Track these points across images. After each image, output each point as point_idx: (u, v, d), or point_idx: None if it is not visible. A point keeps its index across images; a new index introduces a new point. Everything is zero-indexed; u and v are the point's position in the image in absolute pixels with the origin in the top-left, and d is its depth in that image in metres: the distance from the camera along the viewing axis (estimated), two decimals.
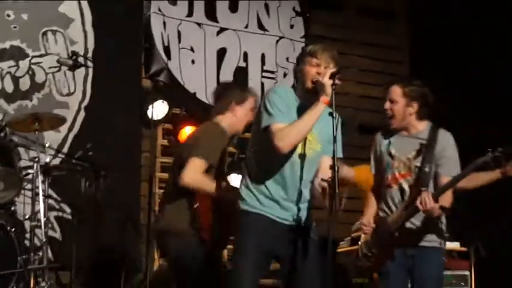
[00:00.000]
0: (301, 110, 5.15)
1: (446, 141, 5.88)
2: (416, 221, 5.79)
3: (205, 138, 6.03)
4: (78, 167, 7.84)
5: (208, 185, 5.78)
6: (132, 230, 8.28)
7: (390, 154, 5.91)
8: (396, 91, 5.87)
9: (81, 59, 7.44)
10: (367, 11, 9.77)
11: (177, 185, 5.83)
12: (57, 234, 8.08)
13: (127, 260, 7.90)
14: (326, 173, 4.97)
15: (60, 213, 8.11)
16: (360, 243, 6.12)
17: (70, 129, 8.29)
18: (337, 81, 5.02)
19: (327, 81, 5.01)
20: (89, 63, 8.05)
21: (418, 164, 5.84)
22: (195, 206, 5.75)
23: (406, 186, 5.85)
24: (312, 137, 5.15)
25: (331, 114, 4.98)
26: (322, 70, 5.10)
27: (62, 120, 7.34)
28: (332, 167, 4.88)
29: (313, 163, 5.18)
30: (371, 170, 6.12)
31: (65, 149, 8.21)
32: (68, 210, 8.09)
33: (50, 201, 7.75)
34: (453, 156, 5.85)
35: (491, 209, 6.55)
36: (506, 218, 7.91)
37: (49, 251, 7.59)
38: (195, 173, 5.74)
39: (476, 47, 8.89)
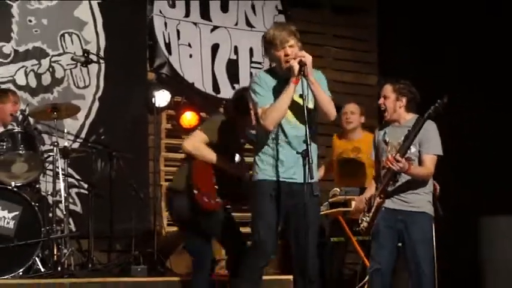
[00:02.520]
0: (281, 86, 5.21)
1: (428, 127, 6.08)
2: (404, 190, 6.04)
3: (211, 119, 6.36)
4: (93, 149, 7.93)
5: (207, 152, 5.90)
6: (141, 203, 8.32)
7: (385, 142, 6.17)
8: (388, 88, 6.15)
9: (92, 56, 7.55)
10: (340, 8, 9.79)
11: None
12: (78, 208, 8.20)
13: (137, 228, 7.91)
14: None
15: (80, 190, 8.19)
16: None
17: (86, 117, 8.37)
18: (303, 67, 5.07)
19: (295, 65, 5.09)
20: (99, 60, 8.12)
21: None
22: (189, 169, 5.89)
23: None
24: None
25: (300, 96, 5.10)
26: (289, 50, 5.18)
27: (76, 108, 7.44)
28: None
29: (310, 121, 5.18)
30: (371, 156, 6.42)
31: (83, 135, 8.30)
32: (87, 187, 8.06)
33: (71, 179, 7.90)
34: (433, 137, 6.08)
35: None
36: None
37: (71, 222, 7.84)
38: (194, 141, 5.94)
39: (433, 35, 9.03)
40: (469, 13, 8.59)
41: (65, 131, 7.54)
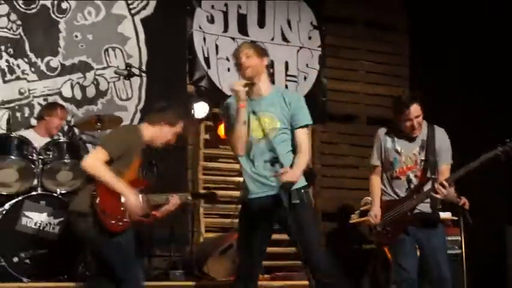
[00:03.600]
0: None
1: (442, 136, 6.08)
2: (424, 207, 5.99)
3: (115, 132, 5.85)
4: None
5: (105, 173, 5.23)
6: (180, 210, 8.31)
7: (397, 151, 6.06)
8: (418, 108, 5.96)
9: (134, 70, 7.52)
10: (373, 24, 9.75)
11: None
12: None
13: (177, 234, 7.89)
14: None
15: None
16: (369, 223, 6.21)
17: None
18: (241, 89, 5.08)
19: (237, 89, 5.10)
20: (141, 73, 8.07)
21: (423, 158, 6.02)
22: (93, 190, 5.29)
23: (412, 177, 6.04)
24: (268, 119, 5.14)
25: (254, 112, 5.11)
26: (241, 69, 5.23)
27: (119, 120, 7.37)
28: None
29: (279, 138, 5.14)
30: (372, 161, 6.22)
31: None
32: None
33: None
34: (449, 147, 6.05)
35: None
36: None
37: None
38: (93, 159, 5.33)
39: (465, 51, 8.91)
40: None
41: None
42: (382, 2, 9.66)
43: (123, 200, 5.31)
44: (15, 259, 6.21)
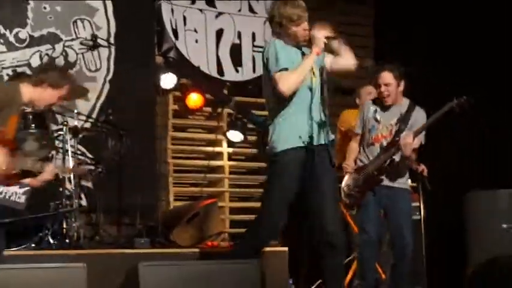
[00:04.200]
0: (298, 55, 5.20)
1: (421, 115, 6.25)
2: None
3: None
4: (104, 129, 7.85)
5: None
6: (149, 179, 8.28)
7: (376, 119, 6.22)
8: (388, 76, 6.14)
9: (101, 41, 7.41)
10: None
11: None
12: (89, 184, 7.96)
13: (145, 203, 7.83)
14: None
15: (92, 167, 7.88)
16: (342, 186, 6.30)
17: (97, 99, 8.21)
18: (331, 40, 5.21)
19: (319, 36, 5.15)
20: (106, 44, 7.95)
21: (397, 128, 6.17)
22: None
23: (385, 144, 6.21)
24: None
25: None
26: (306, 25, 5.22)
27: (85, 90, 7.26)
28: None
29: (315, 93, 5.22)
30: (357, 130, 6.39)
31: (94, 115, 8.14)
32: (98, 164, 7.92)
33: (83, 157, 7.84)
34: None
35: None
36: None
37: (82, 197, 7.76)
38: None
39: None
40: None
41: (75, 111, 7.34)
42: None
43: None
44: None
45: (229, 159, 8.77)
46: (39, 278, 4.19)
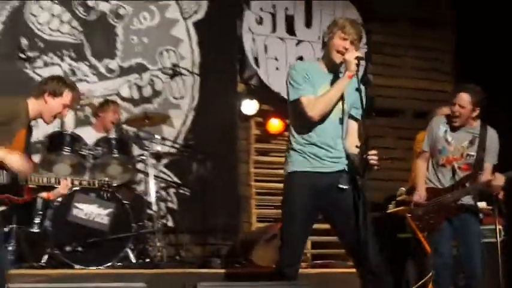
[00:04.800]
0: (325, 79, 4.70)
1: (494, 136, 5.96)
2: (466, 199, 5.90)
3: None
4: (188, 153, 7.92)
5: None
6: (232, 201, 8.26)
7: (447, 140, 5.93)
8: (465, 99, 5.82)
9: (182, 70, 7.48)
10: (418, 21, 9.41)
11: None
12: (175, 206, 8.11)
13: (229, 224, 7.91)
14: None
15: (177, 190, 8.11)
16: (412, 208, 6.09)
17: (182, 125, 8.30)
18: (360, 62, 4.56)
19: (351, 59, 4.55)
20: (186, 72, 8.00)
21: (471, 152, 5.90)
22: None
23: (456, 167, 5.92)
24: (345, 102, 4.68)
25: (357, 89, 4.53)
26: (348, 45, 4.63)
27: (166, 117, 7.31)
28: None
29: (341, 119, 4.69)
30: (424, 148, 6.09)
31: (180, 140, 8.21)
32: (184, 187, 8.09)
33: (170, 180, 7.93)
34: (497, 148, 5.95)
35: None
36: None
37: (169, 218, 7.85)
38: None
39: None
40: None
41: (157, 136, 7.39)
42: None
43: None
44: (68, 248, 6.15)
45: None
46: None
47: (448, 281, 5.96)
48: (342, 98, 4.68)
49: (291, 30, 8.86)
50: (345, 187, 4.67)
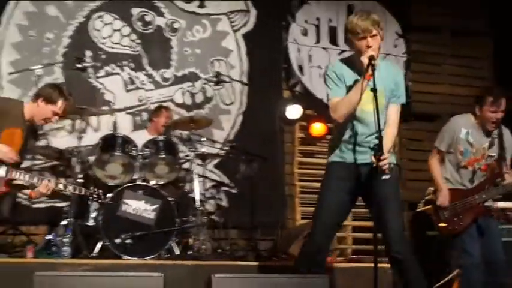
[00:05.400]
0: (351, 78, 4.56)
1: (508, 135, 5.90)
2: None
3: None
4: (236, 155, 8.07)
5: None
6: (278, 200, 8.41)
7: (469, 143, 5.82)
8: (504, 103, 5.71)
9: (225, 77, 7.70)
10: (458, 30, 9.43)
11: None
12: (225, 203, 8.32)
13: (273, 220, 8.02)
14: None
15: (227, 188, 8.34)
16: (438, 210, 6.02)
17: (232, 128, 8.51)
18: (373, 62, 4.33)
19: (365, 60, 4.35)
20: (228, 80, 8.13)
21: (491, 153, 5.84)
22: None
23: (477, 168, 5.85)
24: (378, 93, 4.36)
25: (372, 89, 4.28)
26: (370, 41, 4.40)
27: (209, 121, 7.44)
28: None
29: (382, 113, 4.49)
30: (440, 146, 5.92)
31: (229, 142, 8.41)
32: (233, 185, 8.31)
33: (219, 179, 8.13)
34: None
35: None
36: None
37: (218, 215, 8.02)
38: None
39: None
40: None
41: (203, 138, 7.58)
42: (466, 9, 9.32)
43: None
44: (117, 240, 6.38)
45: None
46: (121, 285, 4.32)
47: (478, 280, 5.77)
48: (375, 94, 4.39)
49: (333, 40, 8.97)
50: (386, 177, 4.47)
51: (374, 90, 4.31)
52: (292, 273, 4.78)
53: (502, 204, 6.44)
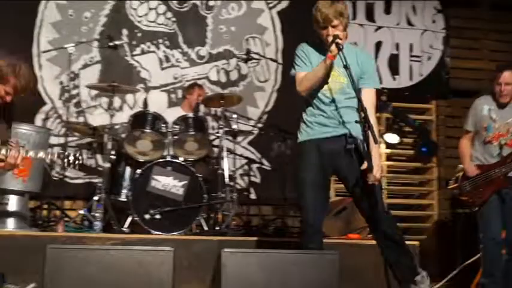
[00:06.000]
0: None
1: None
2: None
3: None
4: (270, 132, 7.98)
5: None
6: None
7: (491, 118, 5.89)
8: (509, 75, 5.80)
9: (254, 55, 7.63)
10: (497, 5, 9.16)
11: None
12: (258, 180, 8.30)
13: None
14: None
15: (260, 165, 8.32)
16: (461, 184, 6.04)
17: (266, 106, 8.48)
18: (337, 40, 4.50)
19: (330, 38, 4.57)
20: (258, 57, 7.97)
21: None
22: None
23: (503, 143, 5.87)
24: (335, 73, 4.68)
25: (344, 66, 4.45)
26: (330, 30, 4.62)
27: (239, 98, 7.31)
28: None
29: (342, 91, 4.69)
30: (466, 126, 6.04)
31: (263, 120, 8.40)
32: (266, 162, 8.28)
33: (253, 156, 8.11)
34: None
35: None
36: None
37: (252, 191, 8.05)
38: None
39: None
40: None
41: (234, 116, 7.52)
42: None
43: None
44: (147, 215, 6.43)
45: (388, 159, 8.64)
46: (132, 258, 4.34)
47: (497, 256, 5.79)
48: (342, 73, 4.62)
49: (370, 17, 8.84)
50: (350, 147, 4.62)
51: (346, 67, 4.45)
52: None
53: None
